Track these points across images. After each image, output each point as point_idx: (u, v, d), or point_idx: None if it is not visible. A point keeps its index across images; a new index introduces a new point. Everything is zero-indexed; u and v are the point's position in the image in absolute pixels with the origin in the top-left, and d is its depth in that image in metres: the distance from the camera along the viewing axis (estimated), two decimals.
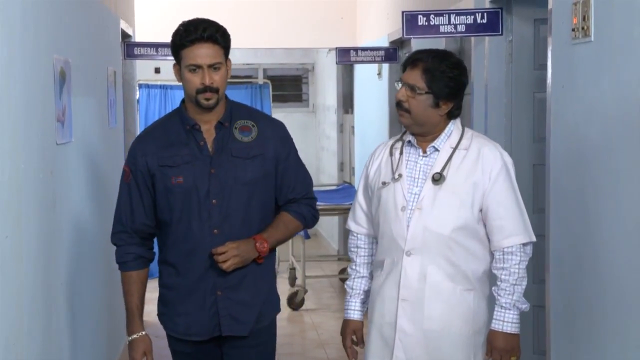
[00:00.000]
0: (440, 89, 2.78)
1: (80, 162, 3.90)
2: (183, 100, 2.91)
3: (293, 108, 11.78)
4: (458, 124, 2.88)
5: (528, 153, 4.39)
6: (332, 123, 10.53)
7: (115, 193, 2.96)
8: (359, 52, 6.94)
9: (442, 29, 4.44)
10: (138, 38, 6.86)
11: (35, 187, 2.92)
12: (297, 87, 12.23)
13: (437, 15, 4.45)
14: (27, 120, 2.79)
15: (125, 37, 6.10)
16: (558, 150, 3.46)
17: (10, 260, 2.54)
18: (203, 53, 2.77)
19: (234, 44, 3.01)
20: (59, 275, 3.31)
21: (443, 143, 2.84)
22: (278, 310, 3.03)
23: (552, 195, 3.52)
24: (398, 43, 6.78)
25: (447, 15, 4.43)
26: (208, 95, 2.79)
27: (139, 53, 6.22)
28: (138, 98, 7.76)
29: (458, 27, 4.41)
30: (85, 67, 4.15)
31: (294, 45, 8.57)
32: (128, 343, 2.91)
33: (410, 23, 4.49)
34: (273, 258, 3.01)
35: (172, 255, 2.89)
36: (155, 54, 6.26)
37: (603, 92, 3.01)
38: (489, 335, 2.81)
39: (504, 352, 2.79)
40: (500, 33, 4.34)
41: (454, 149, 2.82)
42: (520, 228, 2.79)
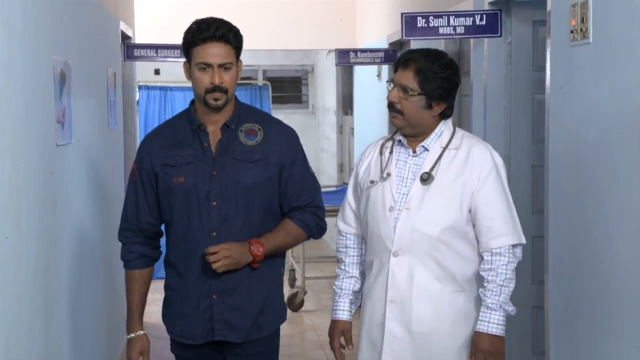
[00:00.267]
0: (433, 90, 2.74)
1: (80, 163, 3.91)
2: (193, 101, 2.89)
3: (293, 109, 11.79)
4: (449, 124, 2.84)
5: (527, 154, 4.40)
6: (331, 124, 10.54)
7: (115, 194, 2.97)
8: (359, 53, 6.95)
9: (441, 31, 4.45)
10: (138, 39, 6.87)
11: (35, 188, 2.92)
12: (296, 88, 12.24)
13: (436, 17, 4.46)
14: (27, 122, 2.79)
15: (125, 38, 6.11)
16: (557, 152, 3.46)
17: (10, 261, 2.54)
18: (214, 52, 2.75)
19: None
20: (59, 276, 3.32)
21: (433, 143, 2.80)
22: (282, 320, 2.96)
23: (551, 196, 3.53)
24: (397, 44, 6.78)
25: (446, 17, 4.44)
26: (217, 96, 2.76)
27: (139, 54, 6.23)
28: (138, 99, 7.76)
29: (457, 28, 4.41)
30: (85, 68, 4.15)
31: (294, 47, 8.58)
32: (126, 341, 2.91)
33: (410, 25, 4.50)
34: (278, 265, 2.95)
35: (173, 256, 2.88)
36: (155, 56, 6.26)
37: (602, 93, 3.02)
38: (474, 337, 2.73)
39: (488, 354, 2.70)
40: (499, 35, 4.35)
41: (444, 149, 2.78)
42: (510, 229, 2.73)
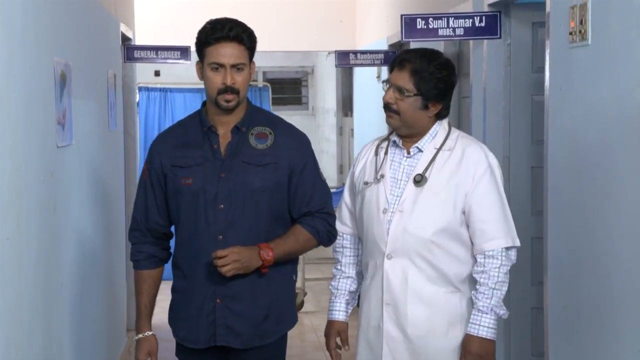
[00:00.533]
0: (429, 91, 2.72)
1: (81, 164, 3.91)
2: (204, 102, 2.88)
3: (292, 111, 11.81)
4: (444, 124, 2.81)
5: (526, 155, 4.41)
6: (331, 126, 10.56)
7: (115, 195, 2.98)
8: (358, 55, 6.96)
9: (440, 32, 4.46)
10: (138, 41, 6.87)
11: (36, 189, 2.93)
12: (296, 90, 12.26)
13: (435, 19, 4.47)
14: (27, 123, 2.80)
15: (125, 40, 6.12)
16: (556, 153, 3.47)
17: (11, 262, 2.55)
18: (227, 52, 2.73)
19: None
20: (59, 277, 3.32)
21: (427, 144, 2.77)
22: (288, 327, 2.91)
23: (550, 198, 3.53)
24: (397, 46, 6.79)
25: (445, 19, 4.44)
26: (228, 97, 2.74)
27: (139, 56, 6.23)
28: (138, 101, 7.77)
29: (457, 30, 4.42)
30: (86, 69, 4.16)
31: (294, 48, 8.59)
32: (135, 342, 2.89)
33: (409, 26, 4.50)
34: (287, 272, 2.90)
35: (179, 258, 2.85)
36: (155, 57, 6.26)
37: (600, 94, 3.02)
38: (464, 339, 2.70)
39: (478, 357, 2.67)
40: (499, 36, 4.35)
41: (438, 150, 2.76)
42: (503, 232, 2.70)
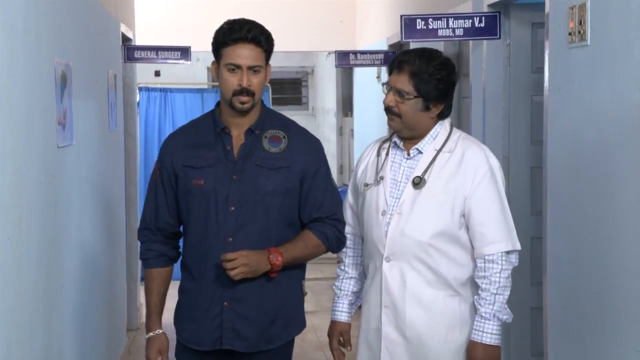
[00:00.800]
0: (429, 92, 2.69)
1: (81, 164, 3.92)
2: (218, 103, 2.85)
3: (293, 111, 11.81)
4: (446, 125, 2.77)
5: (526, 155, 4.42)
6: (331, 126, 10.57)
7: (116, 195, 2.98)
8: (358, 55, 6.96)
9: (440, 33, 4.46)
10: (138, 41, 6.88)
11: (37, 189, 2.94)
12: (296, 90, 12.27)
13: (435, 19, 4.47)
14: (28, 123, 2.81)
15: (126, 40, 6.13)
16: (555, 153, 3.48)
17: (11, 262, 2.56)
18: (244, 54, 2.71)
19: None
20: (60, 277, 3.33)
21: (427, 145, 2.74)
22: (296, 332, 2.89)
23: (549, 198, 3.54)
24: (397, 46, 6.80)
25: (445, 19, 4.45)
26: (243, 99, 2.72)
27: (139, 56, 6.24)
28: (138, 101, 7.78)
29: (456, 30, 4.42)
30: (86, 70, 4.17)
31: (294, 49, 8.59)
32: (145, 341, 2.87)
33: (409, 27, 4.51)
34: (296, 277, 2.88)
35: (188, 259, 2.83)
36: (155, 57, 6.27)
37: (599, 95, 3.03)
38: (468, 346, 2.67)
39: None
40: (498, 37, 4.36)
41: (438, 152, 2.72)
42: (503, 235, 2.65)
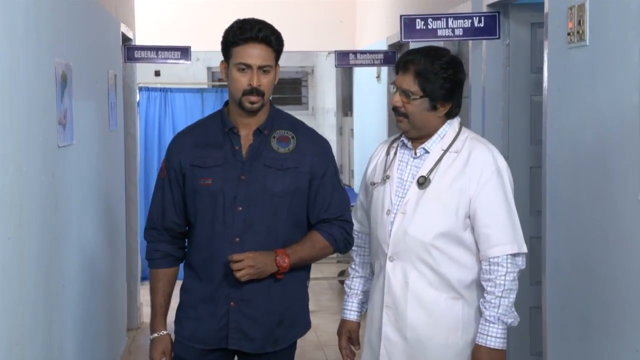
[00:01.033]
0: (435, 91, 2.65)
1: (81, 164, 3.93)
2: (227, 102, 2.84)
3: (292, 111, 11.76)
4: (455, 125, 2.73)
5: (525, 155, 4.42)
6: (331, 126, 10.57)
7: (116, 194, 2.98)
8: (358, 55, 6.97)
9: (440, 33, 4.47)
10: (138, 41, 6.89)
11: (37, 189, 2.94)
12: (296, 90, 12.28)
13: (435, 19, 4.47)
14: (29, 123, 2.81)
15: (126, 40, 6.13)
16: (554, 153, 3.48)
17: (13, 262, 2.56)
18: (255, 53, 2.70)
19: None
20: (60, 276, 3.34)
21: (434, 145, 2.70)
22: (302, 333, 2.89)
23: (548, 198, 3.55)
24: (397, 46, 6.81)
25: (444, 19, 4.46)
26: (253, 99, 2.71)
27: (139, 56, 6.24)
28: (138, 101, 7.79)
29: (456, 30, 4.43)
30: (86, 70, 4.18)
31: (294, 49, 8.57)
32: (149, 341, 2.87)
33: (409, 27, 4.51)
34: (302, 278, 2.87)
35: (193, 259, 2.82)
36: (156, 57, 6.27)
37: (598, 95, 3.04)
38: (473, 349, 2.64)
39: None
40: (498, 37, 4.37)
41: (445, 152, 2.68)
42: (509, 238, 2.61)
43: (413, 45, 5.72)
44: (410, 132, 2.72)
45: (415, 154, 2.73)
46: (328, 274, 8.04)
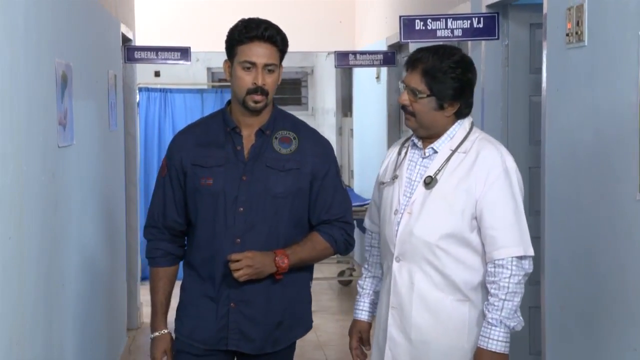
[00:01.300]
0: (443, 91, 2.59)
1: (81, 164, 3.94)
2: (229, 102, 2.83)
3: (292, 111, 11.76)
4: (465, 125, 2.68)
5: (524, 155, 4.43)
6: (331, 126, 10.58)
7: (116, 194, 2.98)
8: (358, 55, 6.98)
9: (439, 34, 4.47)
10: (138, 42, 6.90)
11: (37, 189, 2.95)
12: (296, 90, 12.28)
13: (434, 20, 4.48)
14: (29, 123, 2.82)
15: (126, 40, 6.14)
16: (553, 153, 3.49)
17: (13, 261, 2.57)
18: (260, 52, 2.68)
19: None
20: (61, 276, 3.34)
21: (443, 144, 2.66)
22: (302, 334, 2.88)
23: (547, 198, 3.55)
24: (396, 47, 6.82)
25: (444, 20, 4.46)
26: (257, 98, 2.70)
27: (139, 57, 6.25)
28: (138, 101, 7.80)
29: (455, 31, 4.44)
30: (86, 70, 4.19)
31: (293, 49, 8.53)
32: (150, 340, 2.87)
33: (408, 27, 4.52)
34: (303, 279, 2.86)
35: (194, 258, 2.81)
36: (155, 58, 6.28)
37: (597, 95, 3.05)
38: (475, 353, 2.58)
39: None
40: (497, 37, 4.38)
41: (453, 152, 2.64)
42: (515, 240, 2.55)
43: (412, 46, 5.74)
44: (419, 130, 2.69)
45: (425, 154, 2.70)
46: (328, 274, 8.04)
